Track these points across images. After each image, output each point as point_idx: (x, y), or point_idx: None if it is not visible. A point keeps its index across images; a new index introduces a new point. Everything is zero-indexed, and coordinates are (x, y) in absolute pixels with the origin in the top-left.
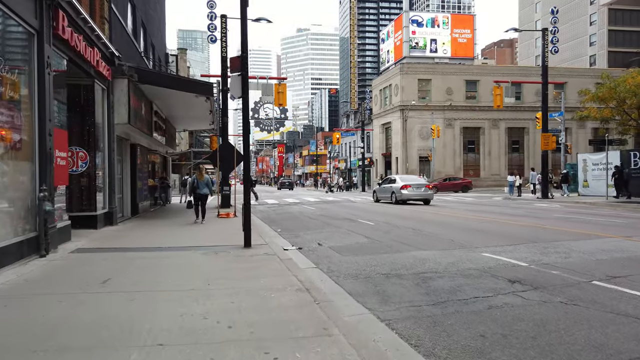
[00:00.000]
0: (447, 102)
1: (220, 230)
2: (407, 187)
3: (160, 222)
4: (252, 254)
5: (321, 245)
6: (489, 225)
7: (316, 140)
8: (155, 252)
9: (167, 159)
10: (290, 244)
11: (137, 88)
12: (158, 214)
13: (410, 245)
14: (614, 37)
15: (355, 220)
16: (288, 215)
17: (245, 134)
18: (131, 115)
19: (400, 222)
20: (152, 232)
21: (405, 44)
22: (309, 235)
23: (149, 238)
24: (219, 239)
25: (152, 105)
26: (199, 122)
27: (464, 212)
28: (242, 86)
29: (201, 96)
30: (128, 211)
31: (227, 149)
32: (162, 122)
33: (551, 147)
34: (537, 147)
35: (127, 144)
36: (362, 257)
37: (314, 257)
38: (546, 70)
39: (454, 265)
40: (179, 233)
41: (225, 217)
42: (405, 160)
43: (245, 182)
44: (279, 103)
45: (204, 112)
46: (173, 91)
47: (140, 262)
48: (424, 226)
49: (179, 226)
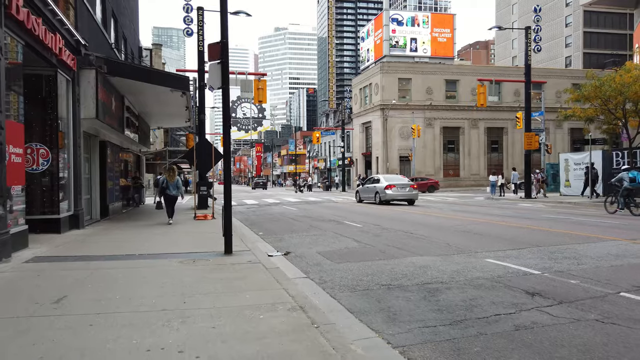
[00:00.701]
0: (427, 101)
1: (198, 234)
2: (392, 187)
3: (132, 224)
4: (234, 261)
5: (309, 250)
6: (482, 227)
7: (295, 139)
8: (124, 260)
9: (140, 157)
10: (274, 249)
11: (107, 81)
12: (131, 215)
13: (405, 250)
14: (589, 39)
15: (341, 222)
16: (269, 216)
17: (225, 130)
18: (100, 109)
19: (389, 224)
20: (122, 237)
21: (386, 43)
22: (294, 239)
23: (118, 244)
24: (197, 245)
25: (123, 100)
26: (175, 120)
27: (451, 212)
28: (222, 75)
29: (177, 91)
30: (97, 213)
31: (204, 147)
32: (134, 118)
33: (534, 147)
34: (516, 147)
35: (96, 141)
36: (356, 265)
37: (302, 264)
38: (529, 69)
39: (459, 274)
40: (152, 237)
41: (202, 219)
42: (386, 160)
43: (226, 181)
44: (259, 100)
45: (180, 108)
46: (146, 85)
47: (106, 273)
48: (415, 228)
49: (153, 229)
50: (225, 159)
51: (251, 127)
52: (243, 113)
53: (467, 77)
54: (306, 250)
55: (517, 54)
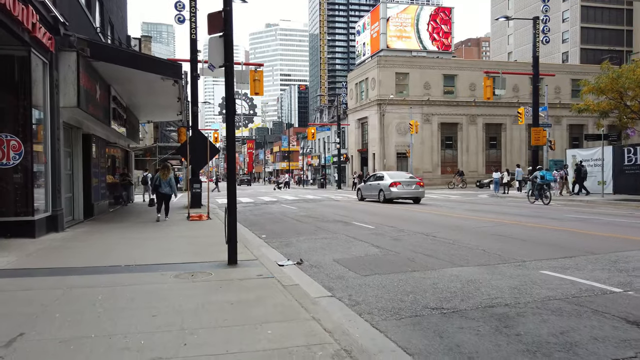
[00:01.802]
0: (425, 96)
1: (194, 239)
2: (397, 184)
3: (120, 226)
4: (241, 276)
5: (323, 257)
6: (511, 229)
7: (288, 135)
8: (107, 274)
9: (129, 153)
10: (283, 256)
11: (90, 66)
12: (118, 215)
13: (437, 257)
14: (586, 35)
15: (349, 222)
16: (269, 216)
17: (229, 118)
18: (82, 97)
19: (403, 225)
20: (107, 242)
21: (382, 36)
22: (303, 244)
23: (102, 251)
24: (194, 252)
25: (109, 89)
26: (166, 112)
27: (463, 212)
28: (226, 51)
29: (168, 79)
30: (80, 213)
31: (198, 141)
32: (122, 110)
33: (542, 143)
34: (515, 143)
35: (79, 133)
36: (388, 278)
37: (321, 277)
38: (537, 61)
39: (522, 293)
40: (142, 242)
41: (197, 220)
42: (383, 157)
43: (230, 178)
44: (255, 92)
45: (171, 99)
46: (135, 73)
47: (81, 295)
48: (435, 230)
49: (142, 232)
50: (229, 153)
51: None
52: None
53: (465, 72)
54: (321, 258)
55: (512, 49)
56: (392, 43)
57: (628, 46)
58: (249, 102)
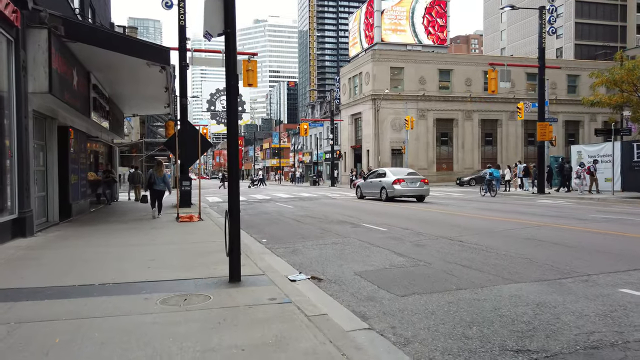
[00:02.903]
0: (421, 92)
1: (185, 245)
2: (401, 181)
3: (99, 229)
4: (249, 300)
5: (341, 269)
6: (540, 232)
7: (279, 132)
8: (75, 298)
9: (113, 148)
10: (293, 267)
11: (66, 48)
12: (100, 216)
13: (478, 269)
14: (580, 30)
15: (357, 224)
16: (266, 216)
17: (231, 98)
18: (55, 82)
19: (419, 227)
20: (82, 250)
21: (377, 29)
22: (312, 250)
23: (74, 262)
24: (186, 264)
25: (89, 77)
26: (152, 104)
27: (475, 211)
28: (226, 14)
29: (155, 65)
30: (55, 214)
31: (189, 134)
32: (104, 101)
33: (548, 138)
34: (510, 139)
35: (54, 125)
36: (430, 299)
37: (347, 297)
38: (543, 52)
39: (618, 323)
40: (124, 250)
41: (187, 221)
42: (377, 153)
43: (232, 176)
44: (249, 83)
45: (158, 89)
46: (117, 57)
47: (33, 334)
48: (458, 234)
49: (125, 236)
50: (231, 143)
51: None
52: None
53: (461, 67)
54: (338, 270)
55: (505, 45)
56: (387, 37)
57: (622, 42)
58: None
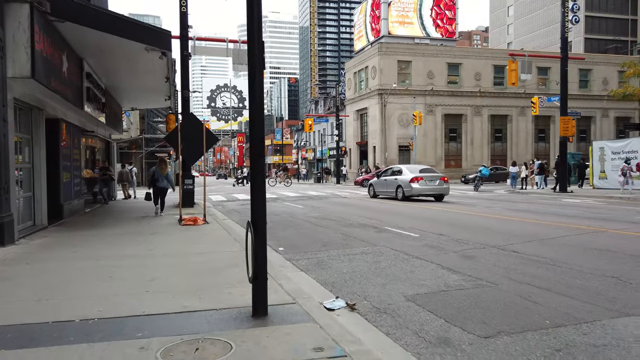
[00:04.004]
0: (429, 86)
1: (190, 256)
2: (419, 179)
3: (91, 235)
4: (287, 352)
5: (385, 291)
6: (605, 240)
7: (282, 128)
8: (42, 349)
9: (110, 144)
10: (323, 287)
11: (54, 29)
12: (95, 217)
13: (562, 293)
14: (590, 24)
15: (381, 228)
16: (276, 218)
17: (255, 73)
18: (39, 66)
19: (454, 232)
20: (67, 265)
21: (384, 22)
22: (339, 262)
23: (54, 284)
24: (194, 285)
25: (82, 64)
26: (152, 97)
27: (505, 212)
28: None
29: (155, 50)
30: (43, 217)
31: (192, 127)
32: (99, 92)
33: (571, 133)
34: (520, 136)
35: (41, 116)
36: (527, 343)
37: (412, 339)
38: (566, 42)
39: None
40: (117, 265)
41: (191, 225)
42: (384, 150)
43: (256, 173)
44: None
45: (158, 79)
46: (113, 41)
47: None
48: (505, 241)
49: (119, 245)
50: (255, 135)
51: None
52: (223, 103)
53: (470, 61)
54: (382, 293)
55: (512, 39)
56: (394, 29)
57: (633, 36)
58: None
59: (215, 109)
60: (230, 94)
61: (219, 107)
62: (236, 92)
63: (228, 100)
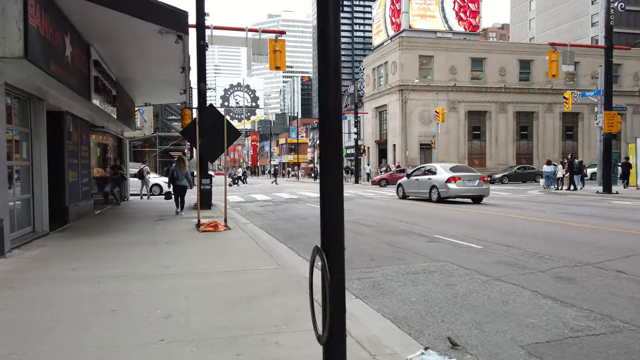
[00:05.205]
0: (451, 82)
1: (215, 275)
2: (456, 179)
3: (98, 243)
4: None
5: (486, 337)
6: None
7: (297, 126)
8: None
9: (123, 141)
10: (397, 326)
11: (54, 5)
12: (104, 220)
13: None
14: (618, 17)
15: (430, 236)
16: (303, 222)
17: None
18: (34, 44)
19: (524, 243)
20: (59, 290)
21: (405, 15)
22: (400, 284)
23: (36, 323)
24: (223, 324)
25: (89, 50)
26: (167, 90)
27: (559, 216)
28: None
29: (170, 33)
30: (44, 222)
31: (211, 119)
32: (109, 83)
33: (616, 129)
34: (548, 133)
35: (41, 107)
36: None
37: None
38: (610, 31)
39: None
40: (125, 289)
41: (211, 231)
42: (405, 148)
43: (330, 169)
44: (276, 66)
45: (173, 69)
46: (121, 22)
47: None
48: (595, 256)
49: (130, 258)
50: (332, 123)
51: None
52: (236, 102)
53: (495, 55)
54: (485, 339)
55: (534, 34)
56: (415, 23)
57: None
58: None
59: (229, 108)
60: (244, 93)
61: (232, 106)
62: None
63: (241, 99)
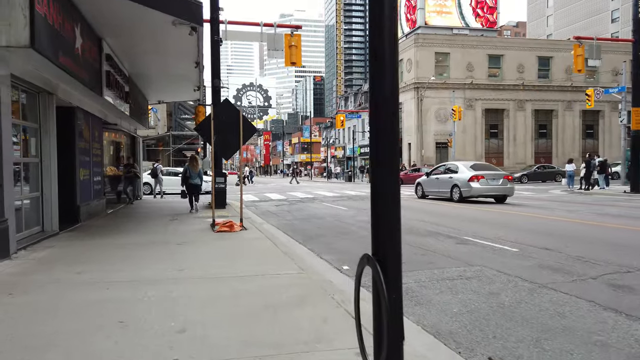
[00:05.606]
0: (468, 79)
1: (232, 280)
2: (479, 178)
3: (108, 244)
4: None
5: (545, 353)
6: None
7: (310, 125)
8: None
9: (136, 139)
10: (443, 343)
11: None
12: (116, 220)
13: None
14: None
15: (460, 238)
16: (320, 222)
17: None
18: (41, 33)
19: (561, 245)
20: (62, 296)
21: (420, 12)
22: (436, 292)
23: (34, 337)
24: (247, 340)
25: (101, 43)
26: (180, 87)
27: (592, 217)
28: None
29: (184, 24)
30: (54, 221)
31: (227, 114)
32: (122, 79)
33: None
34: (567, 132)
35: (51, 102)
36: None
37: None
38: (639, 24)
39: None
40: (134, 296)
41: (227, 231)
42: (420, 147)
43: (386, 167)
44: (292, 62)
45: (187, 64)
46: (133, 13)
47: None
48: None
49: (141, 260)
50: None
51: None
52: (248, 102)
53: (512, 52)
54: None
55: (552, 31)
56: (431, 19)
57: None
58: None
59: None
60: (256, 92)
61: (244, 106)
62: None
63: (254, 99)
